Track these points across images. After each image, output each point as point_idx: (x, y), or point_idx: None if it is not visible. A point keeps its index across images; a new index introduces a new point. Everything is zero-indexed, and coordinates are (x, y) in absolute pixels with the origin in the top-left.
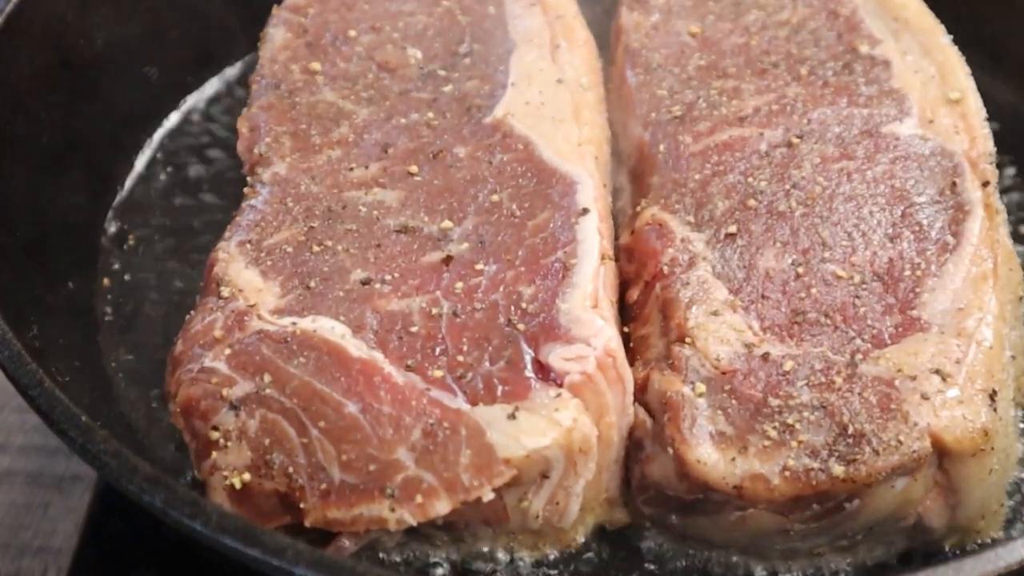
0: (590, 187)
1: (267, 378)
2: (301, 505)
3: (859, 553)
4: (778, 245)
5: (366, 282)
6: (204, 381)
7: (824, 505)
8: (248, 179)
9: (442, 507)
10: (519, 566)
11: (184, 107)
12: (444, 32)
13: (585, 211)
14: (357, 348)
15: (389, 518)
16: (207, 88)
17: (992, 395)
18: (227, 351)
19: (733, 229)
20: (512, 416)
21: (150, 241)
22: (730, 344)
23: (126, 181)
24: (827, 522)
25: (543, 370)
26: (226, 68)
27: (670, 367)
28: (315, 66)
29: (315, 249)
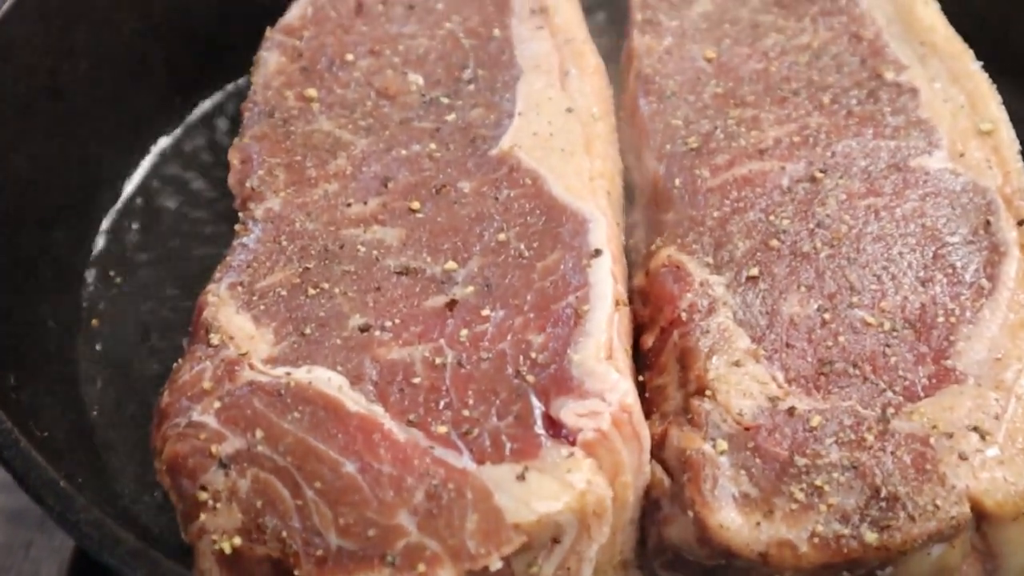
0: (603, 226)
1: (259, 434)
2: (295, 572)
3: None
4: (803, 289)
5: (365, 329)
6: (192, 437)
7: (855, 573)
8: (239, 215)
9: None
10: None
11: (172, 135)
12: (447, 56)
13: (598, 252)
14: (355, 401)
15: None
16: (195, 114)
17: None
18: (216, 404)
19: (755, 272)
20: (521, 477)
21: (135, 280)
22: (753, 397)
23: (110, 213)
24: None
25: (554, 426)
26: (216, 93)
27: (689, 422)
28: (311, 92)
29: (311, 292)
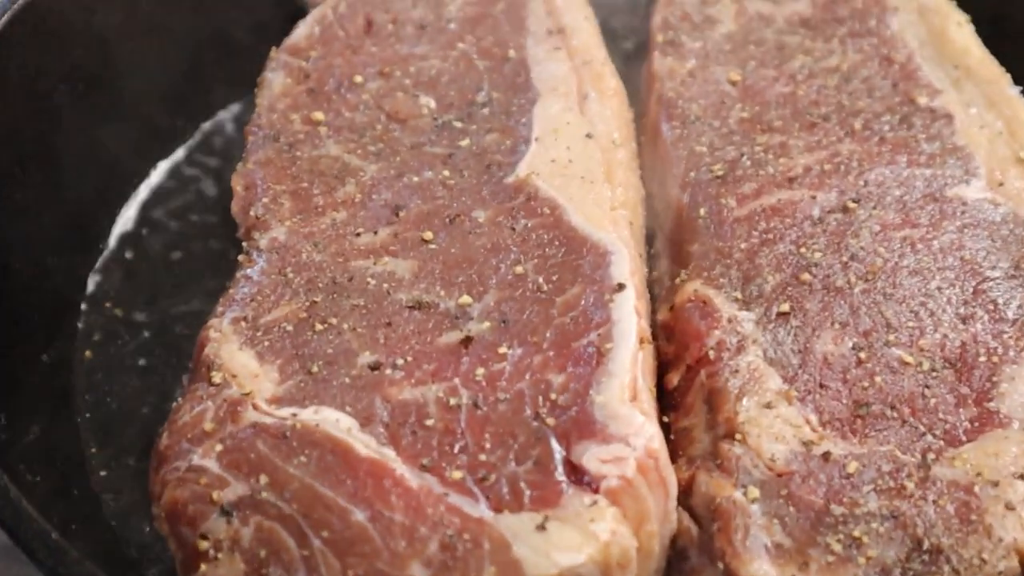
0: (625, 258)
1: (263, 479)
2: None
3: None
4: (836, 326)
5: (375, 367)
6: (192, 482)
7: None
8: (243, 244)
9: None
10: None
11: (171, 159)
12: (460, 78)
13: (621, 287)
14: (365, 445)
15: None
16: (195, 138)
17: None
18: (218, 447)
19: (786, 307)
20: (542, 527)
21: (132, 311)
22: (786, 442)
23: (108, 240)
24: None
25: (576, 472)
26: (218, 113)
27: (718, 467)
28: (318, 116)
29: (318, 328)
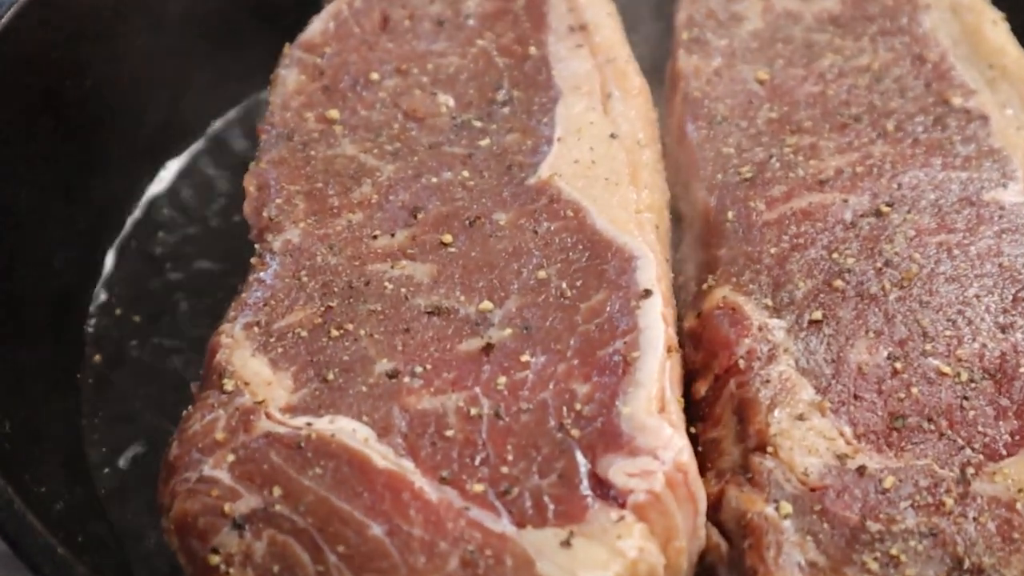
0: (652, 264)
1: (277, 491)
2: None
3: None
4: (871, 335)
5: (393, 375)
6: (203, 493)
7: None
8: (256, 247)
9: None
10: None
11: (181, 157)
12: (479, 76)
13: (647, 293)
14: (383, 456)
15: None
16: (207, 134)
17: None
18: (230, 457)
19: (818, 315)
20: (566, 543)
21: (143, 314)
22: (819, 455)
23: (116, 241)
24: None
25: (602, 486)
26: (229, 111)
27: (749, 481)
28: (333, 114)
29: (334, 333)
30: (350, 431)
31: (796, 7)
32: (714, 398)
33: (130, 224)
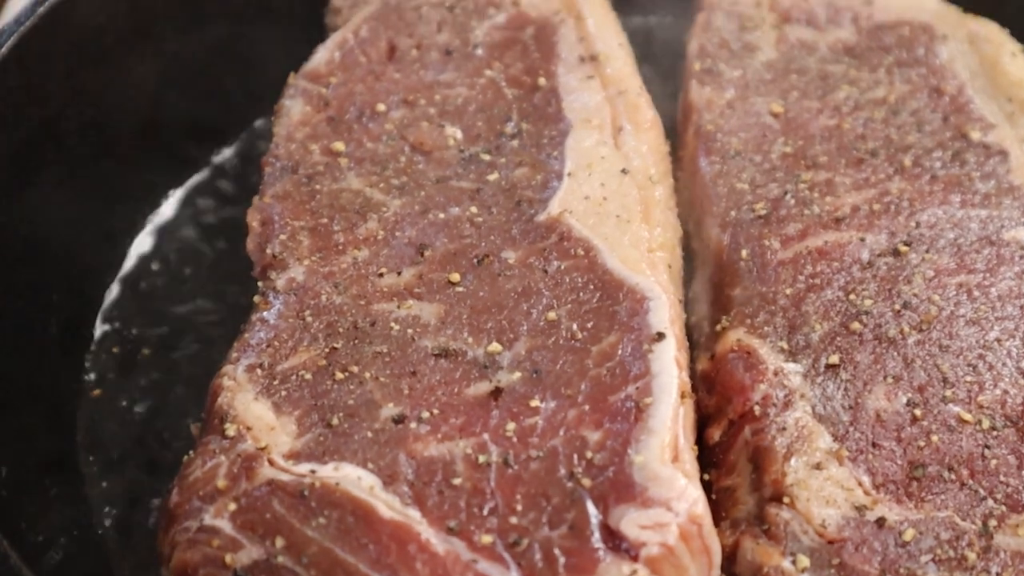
0: (665, 305)
1: (280, 542)
2: None
3: None
4: (889, 380)
5: (399, 420)
6: (204, 544)
7: None
8: (259, 284)
9: None
10: None
11: (184, 187)
12: (488, 108)
13: (660, 336)
14: (389, 506)
15: None
16: (211, 164)
17: None
18: (232, 506)
19: (835, 359)
20: None
21: (144, 351)
22: (837, 505)
23: (116, 276)
24: None
25: (614, 538)
26: (233, 142)
27: (765, 533)
28: (338, 146)
29: (338, 376)
30: (355, 479)
31: (810, 37)
32: (728, 444)
33: (131, 257)
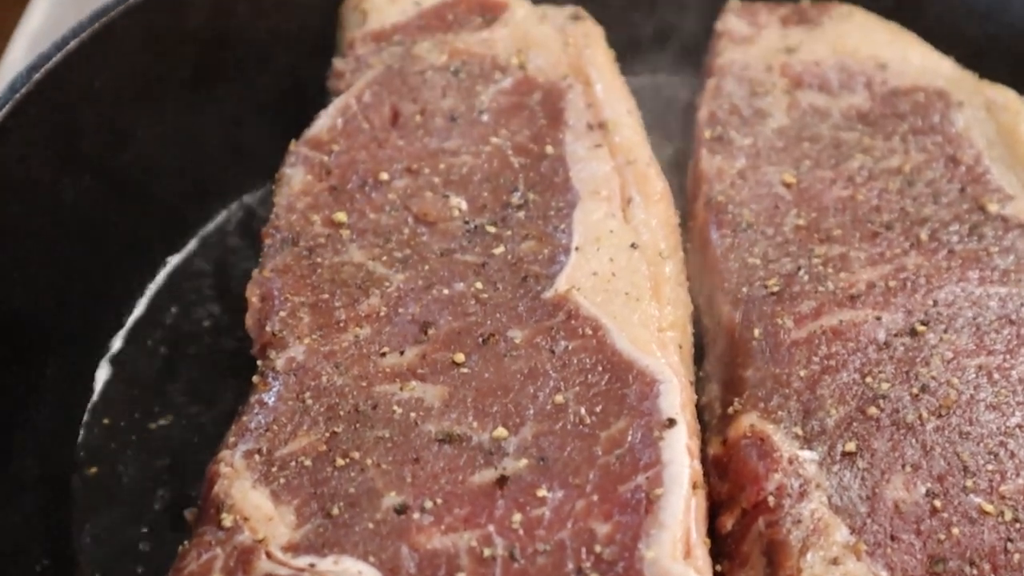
0: (676, 389)
1: None
2: None
3: None
4: (908, 469)
5: (401, 510)
6: None
7: None
8: (258, 363)
9: None
10: None
11: (183, 252)
12: (494, 177)
13: (671, 422)
14: None
15: None
16: (208, 228)
17: None
18: None
19: (852, 447)
20: None
21: (139, 428)
22: None
23: (112, 345)
24: None
25: None
26: (231, 204)
27: None
28: (340, 217)
29: (339, 463)
30: (356, 573)
31: (823, 103)
32: (741, 535)
33: (128, 325)
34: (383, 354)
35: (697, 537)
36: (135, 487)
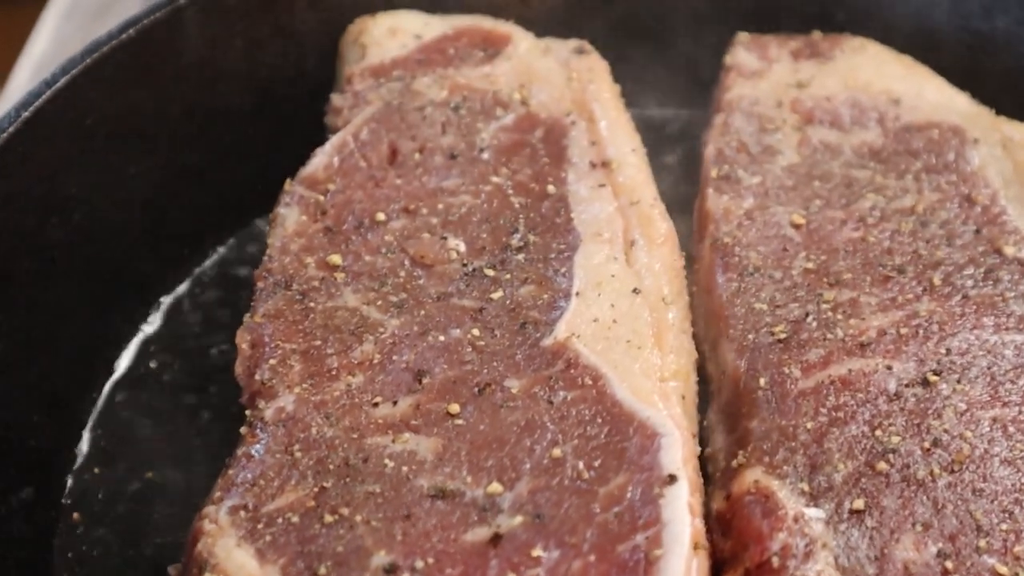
0: (677, 443)
1: None
2: None
3: None
4: (918, 528)
5: (391, 570)
6: None
7: None
8: (246, 413)
9: None
10: None
11: (174, 294)
12: (493, 218)
13: (672, 479)
14: None
15: None
16: (204, 267)
17: None
18: None
19: (860, 504)
20: None
21: (129, 474)
22: None
23: (101, 391)
24: None
25: None
26: (219, 250)
27: None
28: (335, 259)
29: (327, 519)
30: None
31: (834, 139)
32: None
33: (120, 370)
34: (375, 404)
35: None
36: (122, 540)
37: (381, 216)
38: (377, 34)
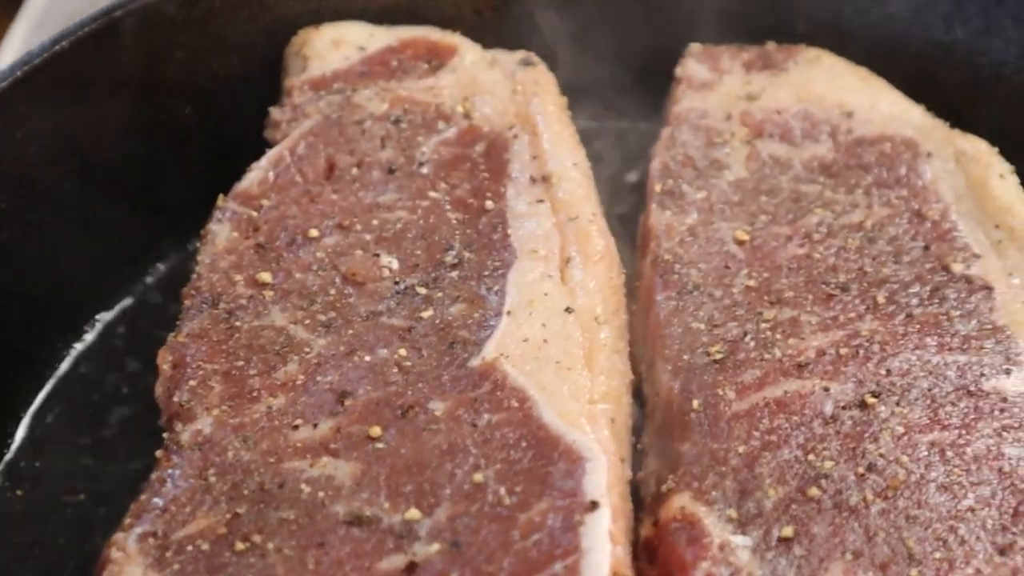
0: (602, 468)
1: None
2: None
3: None
4: (848, 556)
5: None
6: None
7: None
8: (164, 436)
9: None
10: None
11: (114, 310)
12: (428, 234)
13: (594, 505)
14: None
15: None
16: (145, 283)
17: None
18: None
19: (789, 531)
20: None
21: (44, 498)
22: None
23: (27, 411)
24: None
25: None
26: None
27: None
28: (264, 277)
29: (238, 547)
30: None
31: (784, 153)
32: None
33: (47, 390)
34: (295, 427)
35: None
36: (39, 564)
37: (314, 232)
38: (320, 46)
